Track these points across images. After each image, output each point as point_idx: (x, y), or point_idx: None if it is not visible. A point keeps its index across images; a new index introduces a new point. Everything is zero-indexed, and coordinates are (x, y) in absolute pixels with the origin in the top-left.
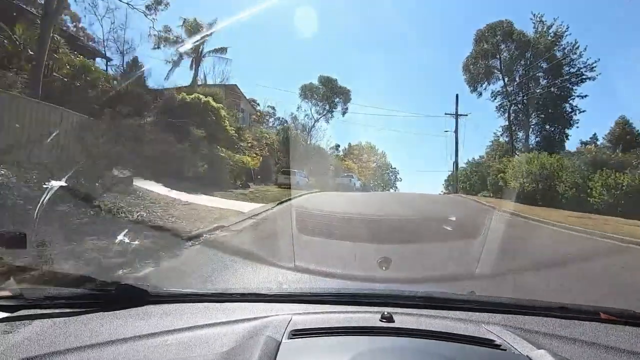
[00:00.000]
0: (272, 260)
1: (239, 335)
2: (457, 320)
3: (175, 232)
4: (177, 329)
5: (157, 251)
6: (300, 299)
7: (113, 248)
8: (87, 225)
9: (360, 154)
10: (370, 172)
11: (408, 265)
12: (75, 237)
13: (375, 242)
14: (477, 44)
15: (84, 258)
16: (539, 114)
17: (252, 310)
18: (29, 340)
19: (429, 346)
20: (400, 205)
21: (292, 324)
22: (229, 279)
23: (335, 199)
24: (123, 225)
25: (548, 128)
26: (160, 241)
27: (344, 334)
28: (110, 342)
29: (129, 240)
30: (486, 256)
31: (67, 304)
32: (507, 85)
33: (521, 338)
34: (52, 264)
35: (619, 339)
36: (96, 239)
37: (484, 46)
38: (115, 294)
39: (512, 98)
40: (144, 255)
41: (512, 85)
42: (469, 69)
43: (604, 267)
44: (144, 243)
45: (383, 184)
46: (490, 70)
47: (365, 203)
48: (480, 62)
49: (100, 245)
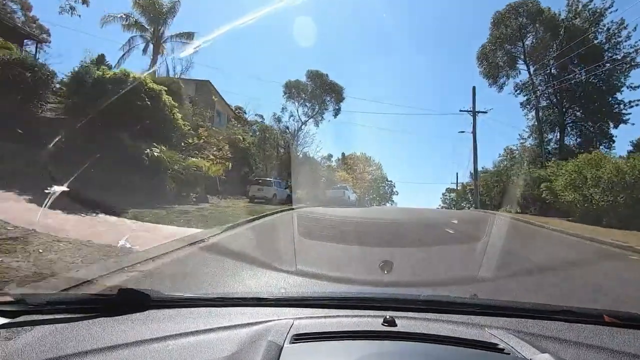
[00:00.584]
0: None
1: (240, 340)
2: (460, 324)
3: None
4: (179, 334)
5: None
6: (302, 303)
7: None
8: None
9: (355, 163)
10: (366, 185)
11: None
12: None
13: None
14: (495, 27)
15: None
16: (575, 110)
17: (253, 315)
18: (30, 346)
19: (431, 350)
20: (429, 232)
21: (294, 329)
22: None
23: (322, 220)
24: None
25: (589, 126)
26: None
27: (346, 338)
28: (112, 347)
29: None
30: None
31: (68, 309)
32: (533, 76)
33: (525, 342)
34: None
35: (623, 342)
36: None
37: (504, 31)
38: (116, 298)
39: (541, 90)
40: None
41: (541, 75)
42: (487, 58)
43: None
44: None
45: (379, 198)
46: (513, 59)
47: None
48: (499, 50)
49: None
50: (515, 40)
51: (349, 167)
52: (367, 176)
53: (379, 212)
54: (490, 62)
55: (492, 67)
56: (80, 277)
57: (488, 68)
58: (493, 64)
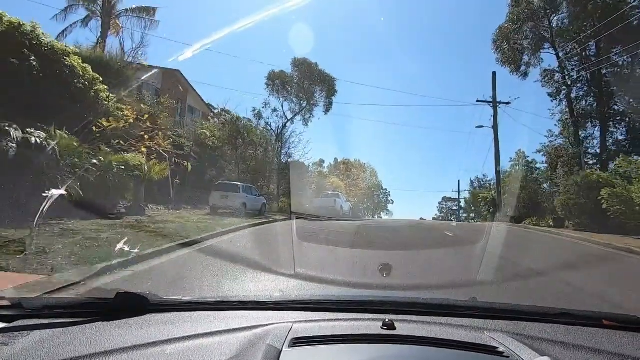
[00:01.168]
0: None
1: (239, 344)
2: (459, 327)
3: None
4: (177, 338)
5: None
6: (301, 307)
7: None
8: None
9: (349, 169)
10: (361, 192)
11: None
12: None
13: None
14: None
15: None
16: (622, 98)
17: (252, 319)
18: (27, 351)
19: (431, 354)
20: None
21: (293, 332)
22: None
23: (288, 248)
24: None
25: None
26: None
27: (345, 342)
28: (110, 352)
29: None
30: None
31: (66, 313)
32: (563, 60)
33: (524, 345)
34: None
35: (622, 345)
36: None
37: (526, 7)
38: (114, 302)
39: (574, 76)
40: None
41: (572, 59)
42: (507, 40)
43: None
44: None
45: (374, 207)
46: (539, 39)
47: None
48: (519, 31)
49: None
50: (540, 18)
51: (342, 173)
52: (361, 183)
53: (384, 229)
54: (511, 46)
55: (512, 51)
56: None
57: (509, 53)
58: (514, 48)
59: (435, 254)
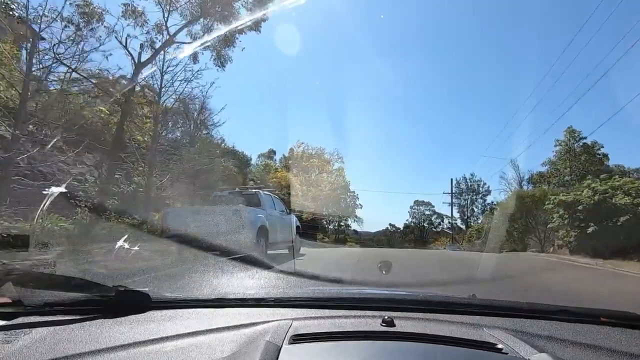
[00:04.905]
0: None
1: (239, 341)
2: (459, 324)
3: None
4: (177, 335)
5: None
6: (301, 304)
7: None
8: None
9: (308, 162)
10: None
11: None
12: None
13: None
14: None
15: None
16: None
17: (252, 315)
18: (27, 348)
19: (430, 350)
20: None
21: (293, 329)
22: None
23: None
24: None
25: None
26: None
27: (344, 338)
28: (111, 348)
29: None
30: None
31: (67, 310)
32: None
33: (522, 341)
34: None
35: (620, 342)
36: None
37: None
38: (116, 299)
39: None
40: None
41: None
42: None
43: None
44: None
45: (340, 212)
46: None
47: None
48: None
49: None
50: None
51: (295, 163)
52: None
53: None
54: None
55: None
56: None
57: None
58: None
59: None
